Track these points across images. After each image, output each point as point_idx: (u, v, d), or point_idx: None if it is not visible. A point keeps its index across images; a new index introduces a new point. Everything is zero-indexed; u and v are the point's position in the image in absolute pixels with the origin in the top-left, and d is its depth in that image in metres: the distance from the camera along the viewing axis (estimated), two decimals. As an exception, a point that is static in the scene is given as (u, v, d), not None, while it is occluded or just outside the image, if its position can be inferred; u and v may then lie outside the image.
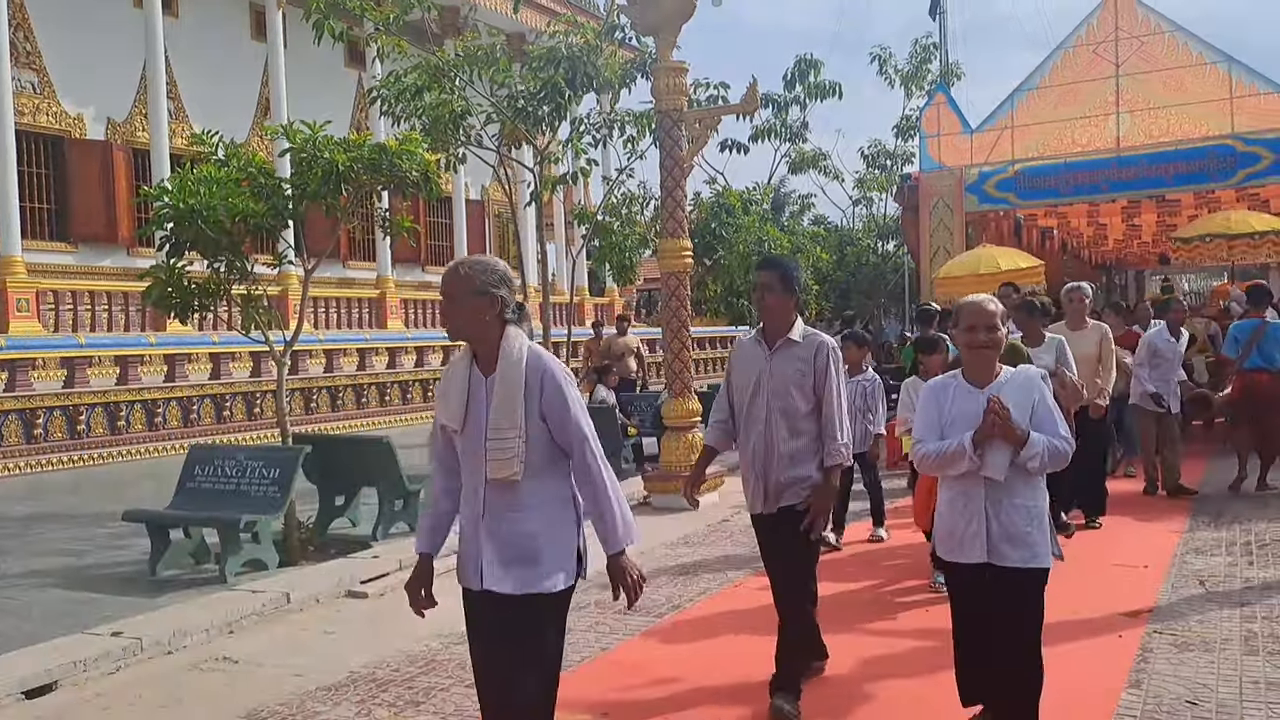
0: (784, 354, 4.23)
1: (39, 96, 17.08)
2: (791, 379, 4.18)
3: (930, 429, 3.67)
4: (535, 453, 3.00)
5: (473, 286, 2.99)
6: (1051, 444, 3.52)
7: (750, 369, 4.28)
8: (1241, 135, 14.01)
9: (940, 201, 15.66)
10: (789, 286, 4.23)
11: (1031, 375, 3.68)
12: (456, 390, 3.06)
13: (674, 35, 9.31)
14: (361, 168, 7.15)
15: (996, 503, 3.57)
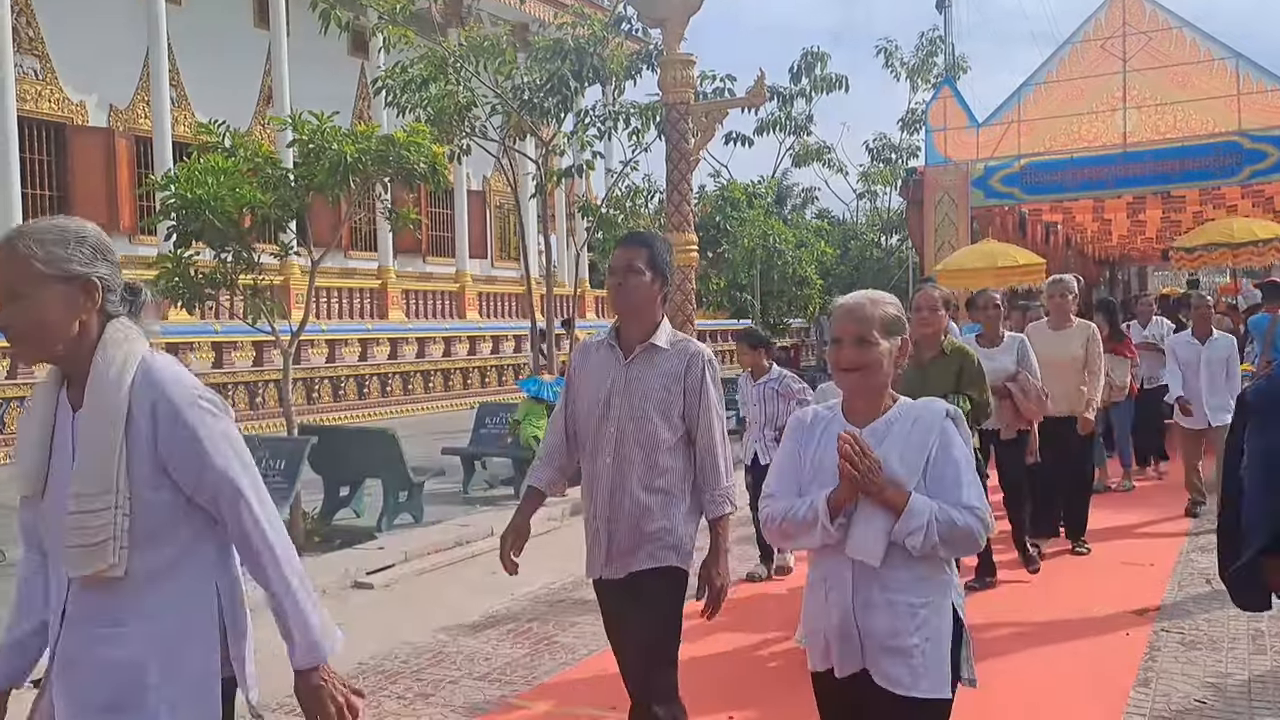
0: (645, 364, 3.15)
1: (41, 83, 17.01)
2: (654, 398, 3.11)
3: (784, 479, 2.55)
4: (149, 529, 1.96)
5: (37, 271, 1.95)
6: (945, 514, 2.35)
7: (597, 383, 3.19)
8: (1248, 132, 13.99)
9: (945, 196, 15.63)
10: (658, 271, 3.14)
11: (934, 411, 2.49)
12: (35, 436, 2.02)
13: (681, 27, 9.28)
14: (369, 159, 7.13)
15: (867, 596, 2.43)
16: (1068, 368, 6.62)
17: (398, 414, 17.61)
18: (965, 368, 5.05)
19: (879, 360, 2.47)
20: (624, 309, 3.17)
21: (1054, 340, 6.71)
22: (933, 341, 4.78)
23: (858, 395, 2.53)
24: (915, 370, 4.74)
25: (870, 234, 24.63)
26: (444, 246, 24.18)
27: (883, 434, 2.46)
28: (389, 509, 8.31)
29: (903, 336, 2.53)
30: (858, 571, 2.44)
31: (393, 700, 4.53)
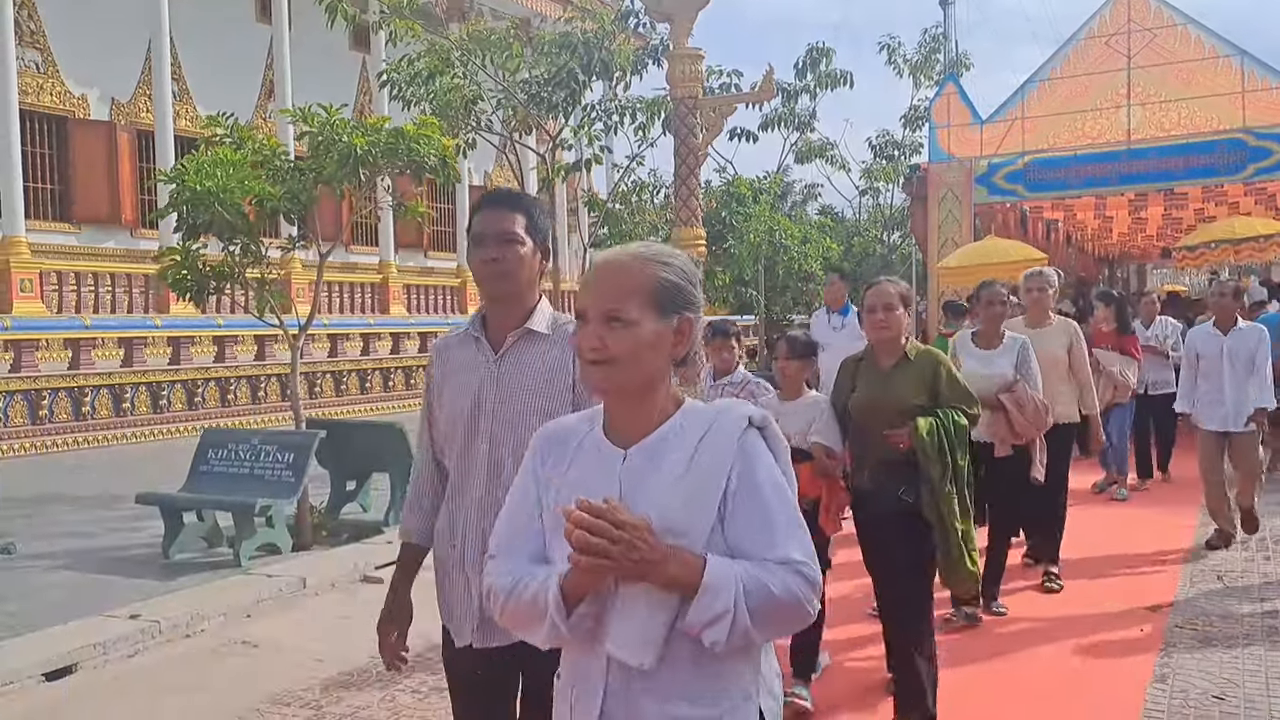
0: (520, 358, 2.41)
1: (43, 76, 16.97)
2: (535, 402, 2.36)
3: (515, 531, 1.76)
4: None
5: None
6: (756, 583, 1.56)
7: (461, 389, 2.45)
8: (1252, 129, 13.97)
9: (949, 192, 15.61)
10: (539, 240, 2.44)
11: (730, 420, 1.68)
12: None
13: (689, 22, 9.25)
14: (379, 152, 7.11)
15: (630, 710, 1.64)
16: (1047, 373, 5.61)
17: (400, 409, 17.58)
18: (939, 375, 4.02)
19: (636, 346, 1.65)
20: (499, 291, 2.42)
21: (1031, 340, 5.58)
22: (892, 346, 4.02)
23: (614, 400, 1.72)
24: (875, 378, 4.08)
25: (873, 230, 24.58)
26: (445, 241, 24.16)
27: (656, 458, 1.65)
28: (396, 503, 8.29)
29: (689, 315, 1.71)
30: (615, 674, 1.62)
31: (407, 694, 4.52)
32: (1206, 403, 6.90)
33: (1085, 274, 22.29)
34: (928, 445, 3.89)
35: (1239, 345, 6.82)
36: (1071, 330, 6.10)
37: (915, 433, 3.90)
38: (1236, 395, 6.77)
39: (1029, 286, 6.15)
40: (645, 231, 13.53)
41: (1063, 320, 6.24)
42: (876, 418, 4.03)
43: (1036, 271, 6.35)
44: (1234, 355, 6.80)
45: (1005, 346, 5.40)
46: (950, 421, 3.95)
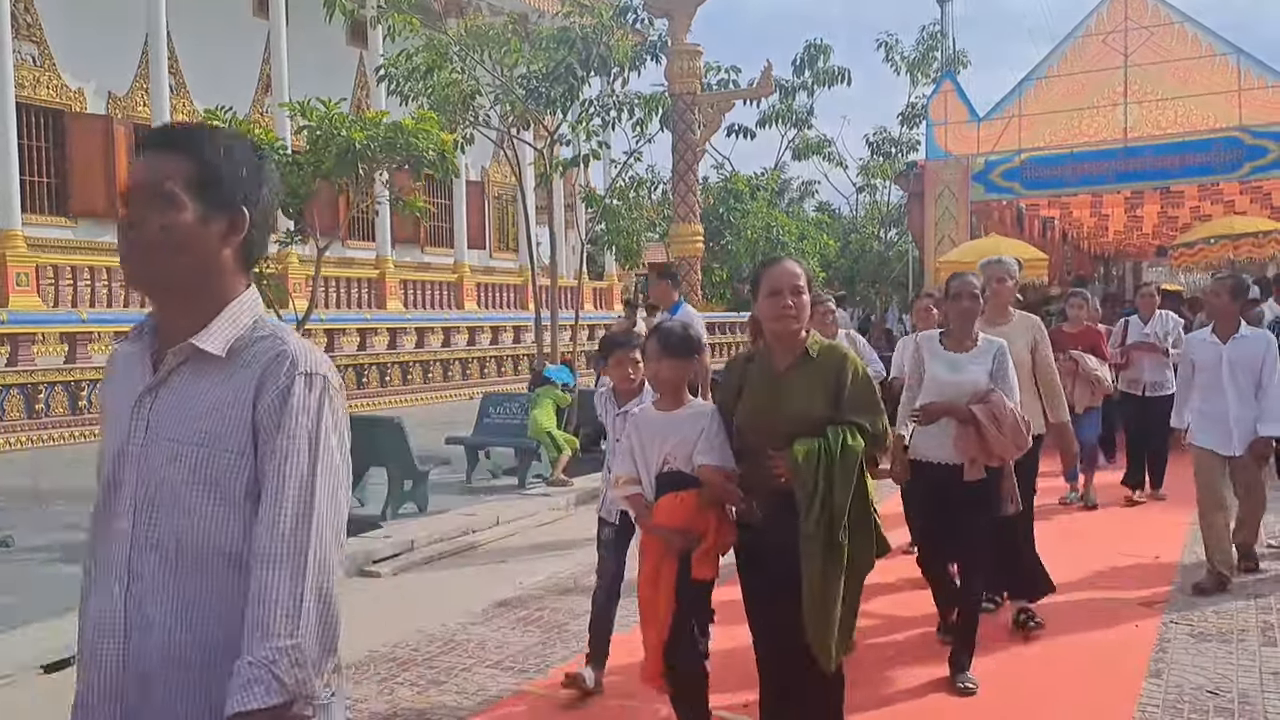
0: (183, 388, 1.68)
1: (39, 69, 16.92)
2: (189, 458, 1.64)
3: None
4: None
5: None
6: None
7: (113, 428, 1.77)
8: (1249, 128, 14.00)
9: (946, 190, 15.64)
10: (220, 195, 1.67)
11: None
12: None
13: (688, 18, 9.27)
14: (377, 146, 7.11)
15: None
16: None
17: (397, 404, 17.58)
18: (844, 378, 3.20)
19: None
20: (143, 276, 1.68)
21: None
22: (792, 341, 3.21)
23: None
24: (767, 383, 3.27)
25: (870, 227, 24.64)
26: (442, 237, 24.13)
27: None
28: (394, 498, 8.31)
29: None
30: None
31: (406, 687, 4.53)
32: (1205, 420, 5.93)
33: (1083, 272, 22.32)
34: (805, 478, 3.08)
35: (1241, 355, 5.79)
36: (1035, 327, 5.25)
37: (790, 460, 3.11)
38: (1240, 414, 5.78)
39: (987, 276, 5.20)
40: (643, 227, 13.53)
41: (1024, 317, 5.34)
42: (767, 434, 3.22)
43: (995, 260, 5.43)
44: (1235, 367, 5.80)
45: (980, 350, 4.51)
46: (838, 445, 3.10)
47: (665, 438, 3.46)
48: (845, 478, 3.10)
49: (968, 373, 4.45)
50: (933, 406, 4.40)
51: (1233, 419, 5.80)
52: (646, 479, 3.53)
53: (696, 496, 3.36)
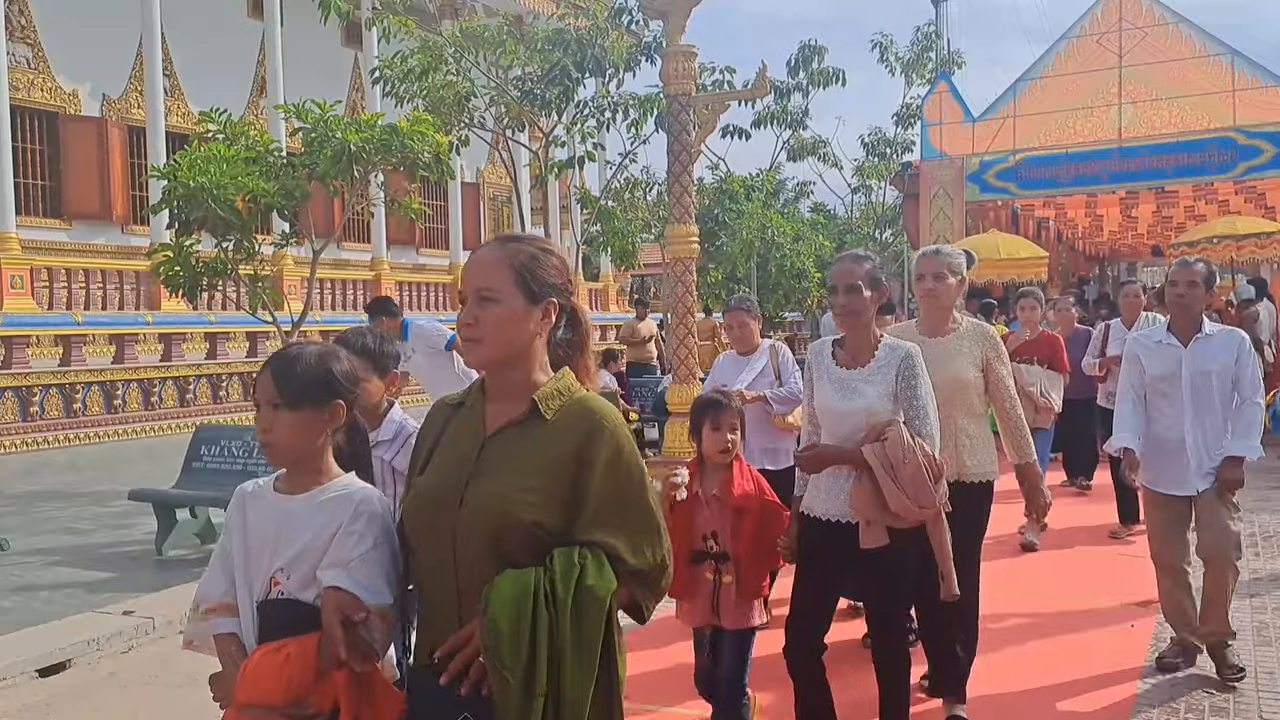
0: None
1: (34, 71, 16.89)
2: None
3: None
4: None
5: None
6: None
7: None
8: (1243, 128, 14.05)
9: (941, 190, 15.67)
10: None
11: None
12: None
13: (683, 18, 9.23)
14: (372, 148, 7.11)
15: None
16: (949, 404, 3.74)
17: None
18: (589, 459, 1.89)
19: None
20: None
21: (926, 353, 3.54)
22: (511, 384, 1.97)
23: None
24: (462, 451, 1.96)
25: (865, 228, 24.67)
26: (438, 238, 24.11)
27: None
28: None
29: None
30: None
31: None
32: (1156, 451, 4.46)
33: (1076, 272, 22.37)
34: (500, 641, 1.75)
35: (1207, 362, 4.40)
36: (987, 341, 3.95)
37: (486, 607, 1.78)
38: (1202, 440, 4.39)
39: (920, 271, 4.01)
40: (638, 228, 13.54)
41: (975, 326, 4.03)
42: (439, 545, 1.91)
43: (932, 250, 4.08)
44: (1200, 378, 4.40)
45: (878, 364, 3.33)
46: (569, 585, 1.78)
47: (278, 541, 2.09)
48: (584, 645, 1.78)
49: (859, 397, 3.29)
50: (816, 453, 3.35)
51: (1191, 447, 4.38)
52: (247, 608, 2.13)
53: (312, 648, 1.98)
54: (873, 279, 3.37)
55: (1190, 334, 4.49)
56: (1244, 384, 4.43)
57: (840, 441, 3.33)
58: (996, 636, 5.04)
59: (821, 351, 3.50)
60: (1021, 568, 6.34)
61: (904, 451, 3.13)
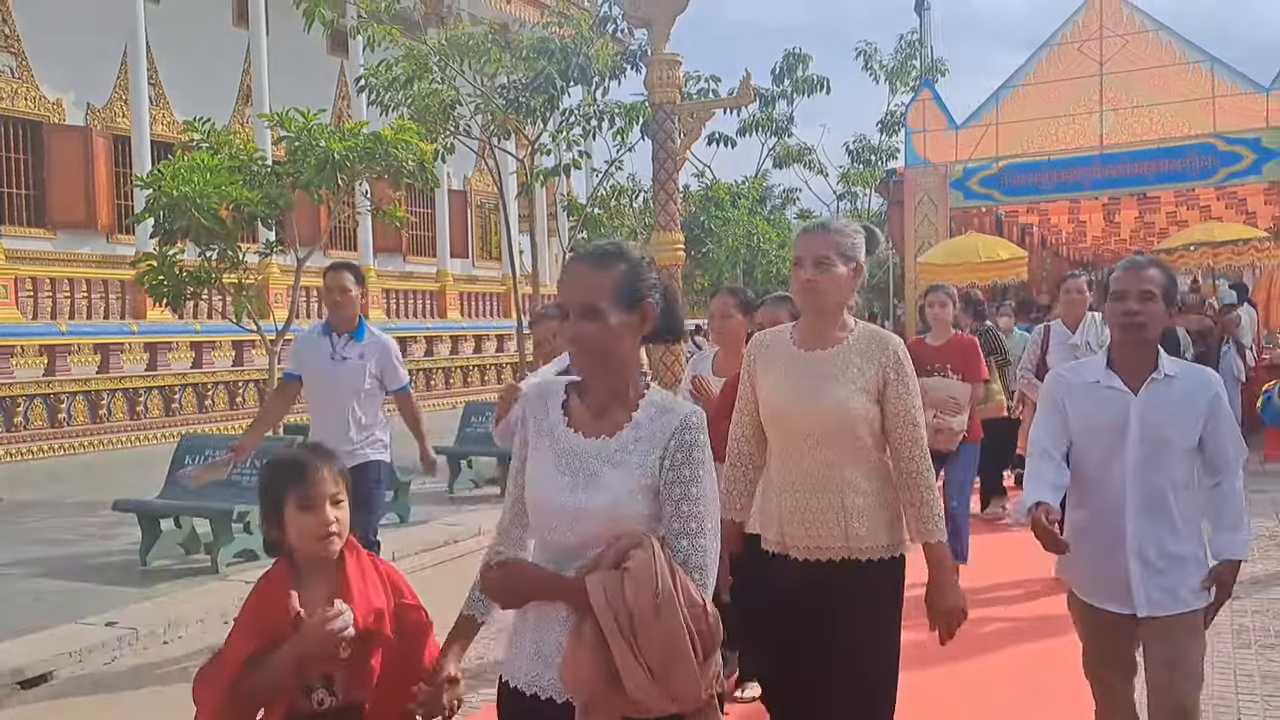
0: None
1: (17, 80, 16.82)
2: None
3: None
4: None
5: None
6: None
7: None
8: (1223, 134, 14.19)
9: (925, 197, 15.77)
10: None
11: None
12: None
13: (667, 27, 9.30)
14: (356, 156, 7.12)
15: None
16: (836, 440, 2.78)
17: (379, 414, 17.53)
18: None
19: None
20: None
21: (800, 371, 2.83)
22: None
23: None
24: None
25: (851, 235, 24.79)
26: (425, 246, 24.09)
27: None
28: (375, 509, 8.26)
29: None
30: None
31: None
32: (1090, 547, 2.98)
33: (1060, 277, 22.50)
34: None
35: (1165, 415, 2.92)
36: (886, 355, 2.80)
37: None
38: (1149, 532, 2.91)
39: (796, 255, 2.85)
40: (625, 236, 13.57)
41: (870, 335, 2.86)
42: None
43: (816, 225, 2.92)
44: (1155, 439, 2.91)
45: (635, 429, 2.05)
46: None
47: None
48: None
49: (598, 490, 2.00)
50: (508, 572, 2.07)
51: (1135, 546, 2.89)
52: None
53: None
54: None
55: (1142, 374, 2.91)
56: (1223, 452, 2.92)
57: (563, 557, 2.00)
58: (980, 641, 5.06)
59: (546, 397, 2.13)
60: (998, 565, 6.35)
61: (656, 595, 1.83)
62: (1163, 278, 2.96)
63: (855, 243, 2.85)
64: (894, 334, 2.90)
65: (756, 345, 2.99)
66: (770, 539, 2.89)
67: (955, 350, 5.80)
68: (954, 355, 5.77)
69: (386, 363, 5.31)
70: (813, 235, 2.86)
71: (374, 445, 5.26)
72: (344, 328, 5.29)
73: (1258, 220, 16.85)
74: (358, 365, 5.20)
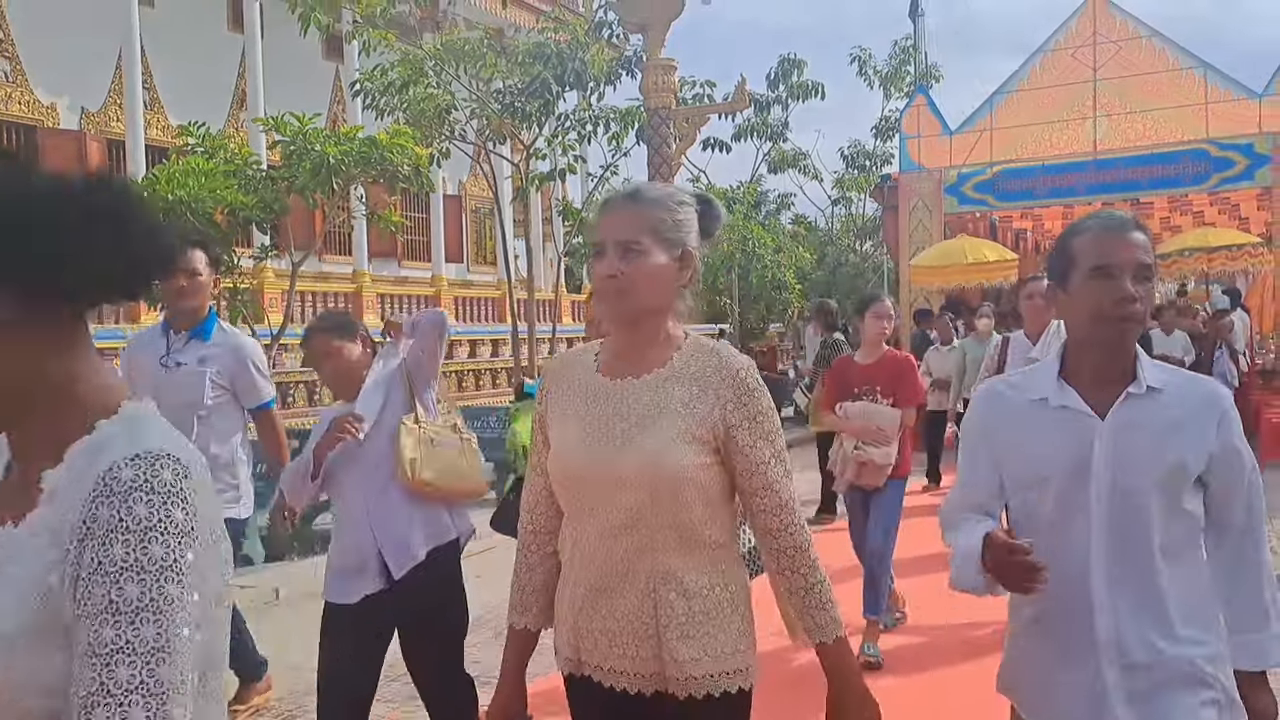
0: None
1: (11, 85, 16.81)
2: None
3: None
4: None
5: None
6: None
7: None
8: (1216, 140, 14.25)
9: (920, 202, 15.81)
10: None
11: None
12: None
13: (663, 33, 9.35)
14: (351, 160, 7.13)
15: None
16: (642, 511, 1.89)
17: (374, 419, 17.50)
18: None
19: None
20: None
21: (601, 410, 1.97)
22: None
23: None
24: None
25: (845, 239, 24.84)
26: (419, 250, 24.08)
27: None
28: (370, 513, 8.25)
29: None
30: None
31: (380, 704, 4.51)
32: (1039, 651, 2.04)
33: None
34: None
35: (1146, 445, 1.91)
36: (726, 384, 1.91)
37: None
38: (1134, 621, 1.90)
39: (598, 239, 1.97)
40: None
41: (705, 352, 1.96)
42: None
43: (625, 196, 1.99)
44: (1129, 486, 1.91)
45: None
46: None
47: None
48: None
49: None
50: None
51: (1108, 645, 1.91)
52: None
53: None
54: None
55: (1113, 386, 1.96)
56: (1237, 500, 1.97)
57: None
58: (971, 643, 5.07)
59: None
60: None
61: None
62: (1149, 242, 1.98)
63: (680, 219, 1.93)
64: (741, 353, 1.98)
65: (550, 372, 2.09)
66: (563, 655, 2.06)
67: (887, 369, 5.06)
68: (884, 375, 5.04)
69: (239, 371, 4.10)
70: (617, 211, 1.92)
71: (224, 493, 4.10)
72: (186, 323, 4.09)
73: (1250, 226, 16.92)
74: (194, 374, 4.01)
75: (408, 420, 3.38)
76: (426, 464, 3.31)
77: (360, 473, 3.35)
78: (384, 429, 3.35)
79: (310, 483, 3.36)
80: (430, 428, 3.42)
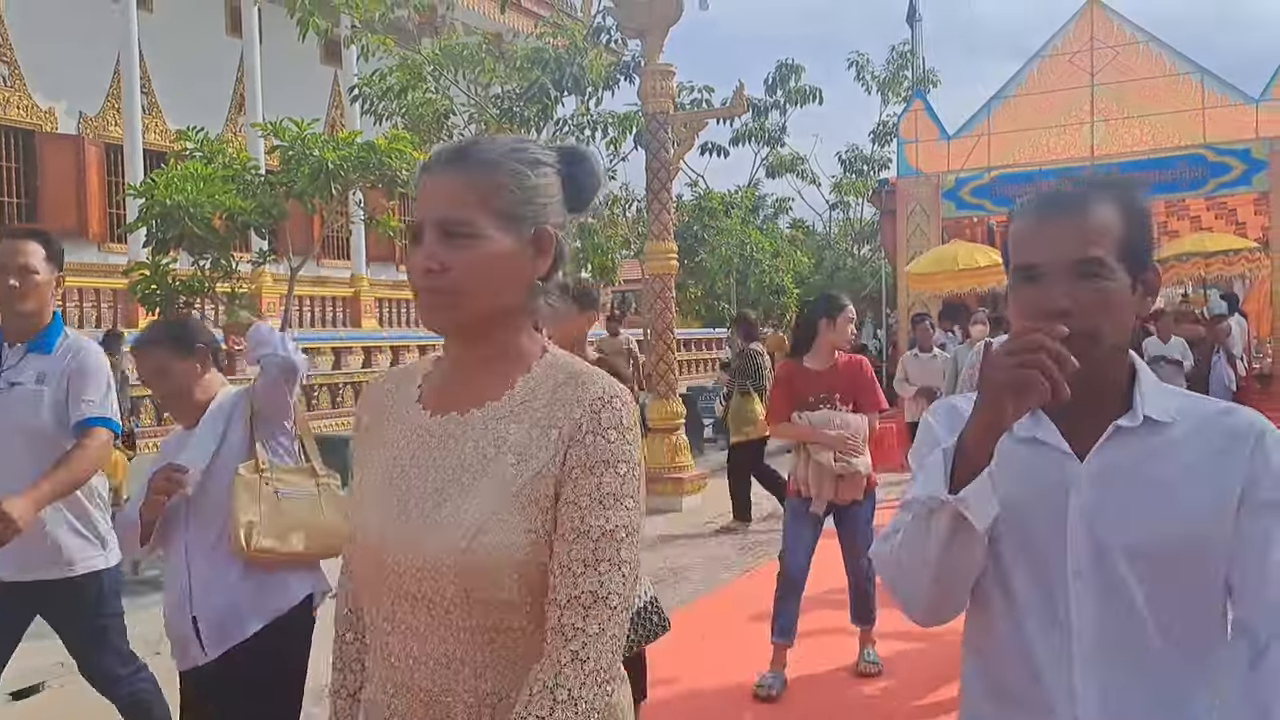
0: None
1: (9, 89, 16.81)
2: None
3: None
4: None
5: None
6: None
7: None
8: (1213, 145, 14.29)
9: (918, 207, 15.84)
10: None
11: None
12: None
13: (661, 38, 9.36)
14: (350, 165, 7.14)
15: None
16: (454, 608, 1.30)
17: (372, 423, 17.48)
18: None
19: None
20: None
21: (413, 459, 1.38)
22: None
23: None
24: None
25: (843, 244, 24.86)
26: (417, 255, 24.09)
27: None
28: (368, 518, 8.25)
29: None
30: None
31: (380, 708, 4.51)
32: None
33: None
34: None
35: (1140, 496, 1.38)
36: (575, 418, 1.33)
37: None
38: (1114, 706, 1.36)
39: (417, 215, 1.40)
40: (618, 245, 13.61)
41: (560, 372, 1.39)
42: None
43: (445, 155, 1.39)
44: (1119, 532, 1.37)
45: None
46: None
47: None
48: None
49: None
50: None
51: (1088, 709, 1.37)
52: None
53: None
54: None
55: (1100, 416, 1.42)
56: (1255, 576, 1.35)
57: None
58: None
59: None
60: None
61: None
62: (1117, 217, 1.48)
63: (532, 185, 1.38)
64: (603, 372, 1.41)
65: (367, 398, 1.54)
66: None
67: (843, 375, 4.71)
68: (842, 382, 4.71)
69: (80, 384, 3.17)
70: (438, 176, 1.38)
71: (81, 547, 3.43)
72: (21, 332, 3.23)
73: (1247, 230, 16.95)
74: (31, 394, 3.15)
75: (244, 470, 2.71)
76: (268, 527, 2.68)
77: (188, 529, 2.73)
78: (218, 476, 2.72)
79: (142, 545, 2.79)
80: (277, 476, 2.77)
